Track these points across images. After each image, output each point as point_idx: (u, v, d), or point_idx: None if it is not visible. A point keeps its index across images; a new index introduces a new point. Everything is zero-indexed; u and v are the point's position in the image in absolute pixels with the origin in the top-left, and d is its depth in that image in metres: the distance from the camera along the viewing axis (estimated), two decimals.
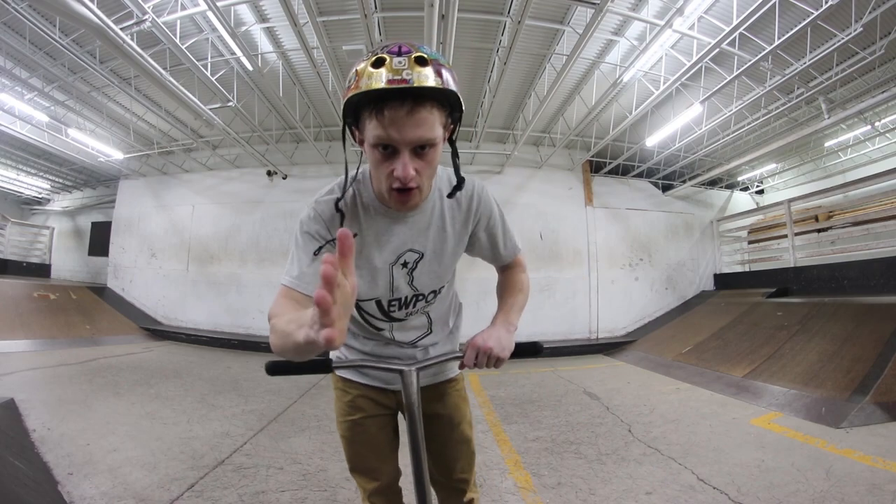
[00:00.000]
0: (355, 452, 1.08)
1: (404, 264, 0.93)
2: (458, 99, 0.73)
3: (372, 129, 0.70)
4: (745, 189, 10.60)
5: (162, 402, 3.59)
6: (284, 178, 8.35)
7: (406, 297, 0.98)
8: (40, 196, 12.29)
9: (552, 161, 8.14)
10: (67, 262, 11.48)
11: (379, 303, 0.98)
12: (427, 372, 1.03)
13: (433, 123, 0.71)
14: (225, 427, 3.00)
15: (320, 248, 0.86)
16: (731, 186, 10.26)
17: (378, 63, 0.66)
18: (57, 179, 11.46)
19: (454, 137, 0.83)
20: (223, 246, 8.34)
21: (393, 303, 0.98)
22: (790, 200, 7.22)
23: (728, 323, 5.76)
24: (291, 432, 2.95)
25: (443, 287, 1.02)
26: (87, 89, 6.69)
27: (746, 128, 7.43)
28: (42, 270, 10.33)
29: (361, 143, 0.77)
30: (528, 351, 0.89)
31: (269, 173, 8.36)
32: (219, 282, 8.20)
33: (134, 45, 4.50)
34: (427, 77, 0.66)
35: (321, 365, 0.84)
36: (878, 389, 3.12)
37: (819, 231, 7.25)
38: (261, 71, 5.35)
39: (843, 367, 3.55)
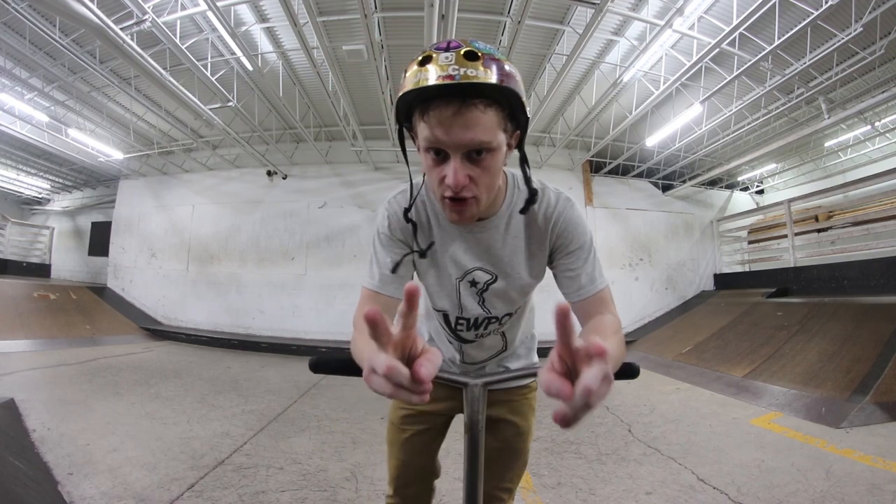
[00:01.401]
0: (399, 443, 1.03)
1: (473, 283, 0.86)
2: (520, 98, 0.64)
3: (422, 131, 0.65)
4: (745, 189, 10.60)
5: (162, 402, 3.59)
6: (284, 178, 8.35)
7: (476, 319, 0.90)
8: (40, 196, 12.29)
9: (552, 161, 8.15)
10: (67, 262, 11.48)
11: (446, 316, 0.92)
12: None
13: (488, 125, 0.63)
14: (225, 427, 3.00)
15: (401, 258, 0.83)
16: (731, 186, 10.26)
17: (425, 61, 0.61)
18: (57, 179, 11.46)
19: (522, 144, 0.74)
20: (223, 246, 8.34)
21: (461, 321, 0.91)
22: (790, 200, 7.23)
23: (728, 323, 5.76)
24: (291, 432, 2.95)
25: (519, 307, 0.94)
26: (87, 89, 6.69)
27: (746, 128, 7.43)
28: (42, 270, 10.33)
29: (419, 149, 0.72)
30: (624, 374, 0.75)
31: (269, 173, 8.36)
32: (219, 282, 8.20)
33: (134, 45, 4.50)
34: (477, 73, 0.59)
35: None
36: (878, 389, 3.12)
37: (819, 231, 7.25)
38: (261, 71, 5.35)
39: (843, 367, 3.55)
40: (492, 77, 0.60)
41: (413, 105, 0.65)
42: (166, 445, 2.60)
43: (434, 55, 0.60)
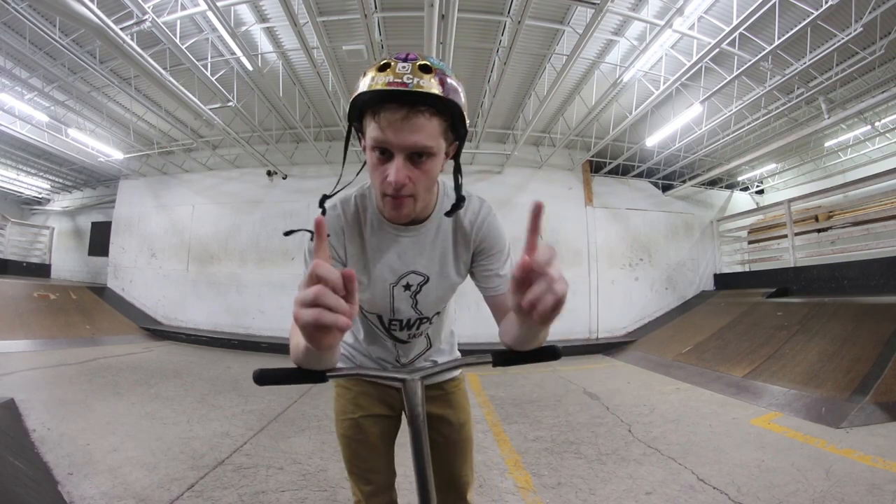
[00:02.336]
0: (354, 453, 1.05)
1: (407, 286, 0.92)
2: (461, 112, 0.71)
3: (371, 131, 0.70)
4: (745, 189, 10.60)
5: (162, 402, 3.59)
6: (284, 178, 8.35)
7: (409, 320, 0.96)
8: (40, 196, 12.29)
9: (552, 161, 8.15)
10: (67, 262, 11.48)
11: (380, 318, 0.97)
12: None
13: (431, 131, 0.69)
14: (225, 427, 3.00)
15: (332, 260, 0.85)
16: (731, 186, 10.26)
17: (383, 67, 0.67)
18: (57, 179, 11.46)
19: (458, 153, 0.80)
20: (223, 246, 8.35)
21: (394, 322, 0.97)
22: (790, 200, 7.23)
23: (728, 323, 5.76)
24: (291, 432, 2.95)
25: (445, 306, 1.01)
26: (87, 89, 6.69)
27: (746, 128, 7.43)
28: (42, 270, 10.33)
29: (364, 149, 0.77)
30: (547, 354, 0.79)
31: (269, 173, 8.36)
32: (219, 282, 8.20)
33: (134, 45, 4.50)
34: (428, 84, 0.65)
35: (314, 374, 0.75)
36: (878, 389, 3.12)
37: (819, 231, 7.25)
38: (261, 71, 5.35)
39: (843, 367, 3.55)
40: (441, 90, 0.66)
41: (366, 106, 0.70)
42: (166, 445, 2.60)
43: (393, 63, 0.67)
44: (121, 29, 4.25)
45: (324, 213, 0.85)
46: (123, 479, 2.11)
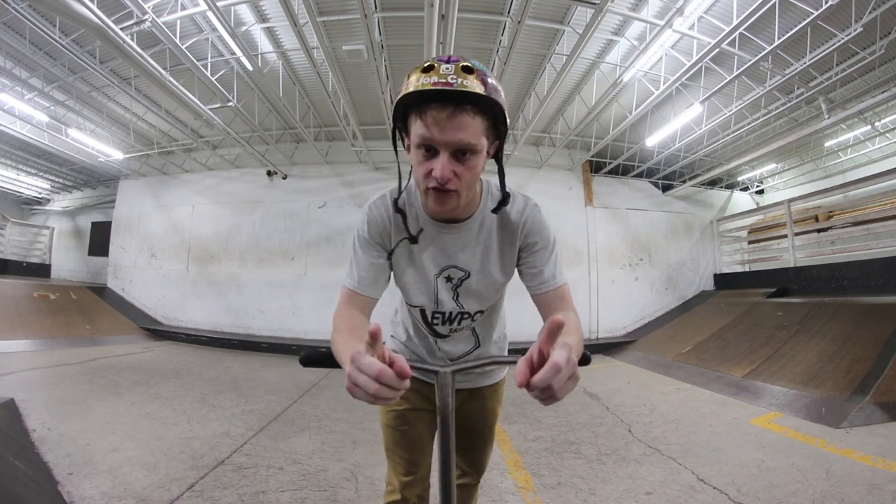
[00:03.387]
0: (396, 443, 1.09)
1: (448, 279, 0.94)
2: (503, 110, 0.74)
3: (416, 129, 0.73)
4: (745, 189, 10.60)
5: (162, 402, 3.59)
6: (284, 178, 8.35)
7: (451, 313, 0.98)
8: (40, 196, 12.29)
9: (552, 161, 8.15)
10: (67, 262, 11.48)
11: (423, 312, 1.00)
12: (470, 376, 1.09)
13: (475, 130, 0.72)
14: (225, 427, 3.00)
15: (378, 260, 0.91)
16: (731, 186, 10.26)
17: (428, 69, 0.70)
18: (57, 179, 11.46)
19: (500, 154, 0.83)
20: (223, 246, 8.34)
21: (436, 315, 0.99)
22: (790, 200, 7.23)
23: (728, 323, 5.76)
24: (291, 432, 2.95)
25: (491, 305, 1.02)
26: (87, 89, 6.69)
27: (746, 128, 7.43)
28: (42, 270, 10.33)
29: (408, 149, 0.80)
30: (580, 361, 0.74)
31: (269, 173, 8.36)
32: (219, 282, 8.20)
33: (134, 45, 4.50)
34: (471, 84, 0.69)
35: None
36: (878, 389, 3.12)
37: (819, 231, 7.25)
38: (261, 71, 5.35)
39: (843, 367, 3.55)
40: (483, 90, 0.70)
41: (411, 106, 0.74)
42: (166, 445, 2.60)
43: (436, 65, 0.70)
44: (121, 29, 4.25)
45: (404, 216, 0.90)
46: (123, 479, 2.11)
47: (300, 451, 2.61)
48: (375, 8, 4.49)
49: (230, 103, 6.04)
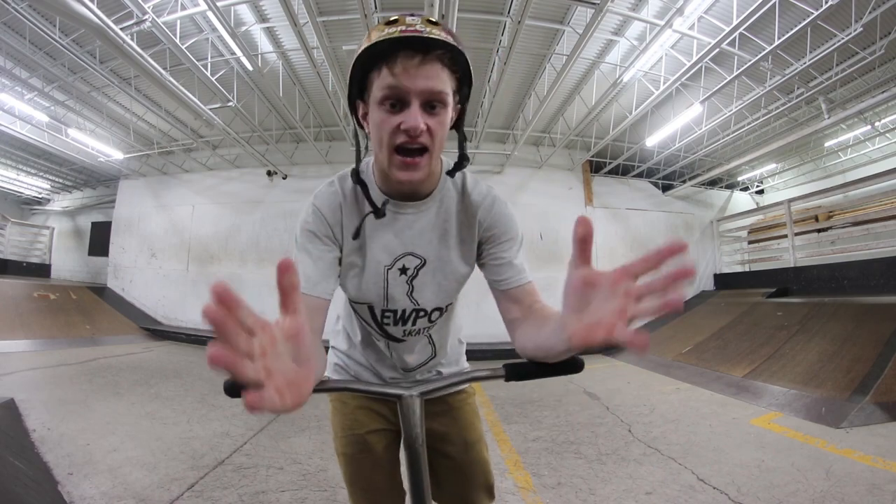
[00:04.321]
0: (356, 472, 0.95)
1: (402, 269, 0.83)
2: (468, 66, 0.70)
3: (382, 80, 0.67)
4: (745, 189, 10.60)
5: (162, 402, 3.59)
6: (284, 178, 8.35)
7: (404, 311, 0.86)
8: (40, 196, 12.29)
9: (552, 161, 8.15)
10: (67, 262, 11.48)
11: (371, 309, 0.87)
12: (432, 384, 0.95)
13: (445, 80, 0.68)
14: (225, 427, 3.00)
15: (327, 256, 0.80)
16: (731, 186, 10.26)
17: (392, 22, 0.67)
18: (57, 179, 11.46)
19: (461, 122, 0.79)
20: (223, 246, 8.35)
21: (387, 314, 0.87)
22: (790, 200, 7.23)
23: (728, 323, 5.76)
24: (291, 432, 2.95)
25: (450, 304, 0.90)
26: (87, 89, 6.69)
27: (746, 128, 7.44)
28: (42, 270, 10.33)
29: (364, 117, 0.73)
30: (570, 367, 0.71)
31: (269, 173, 8.36)
32: None
33: (134, 45, 4.50)
34: (440, 34, 0.66)
35: None
36: (878, 389, 3.12)
37: (819, 231, 7.25)
38: (261, 71, 5.35)
39: (843, 367, 3.55)
40: (450, 40, 0.66)
41: (376, 60, 0.67)
42: (166, 445, 2.60)
43: (401, 17, 0.67)
44: (121, 29, 4.25)
45: (364, 187, 0.80)
46: (123, 479, 2.11)
47: (300, 451, 2.62)
48: (375, 8, 4.49)
49: (230, 103, 6.04)
